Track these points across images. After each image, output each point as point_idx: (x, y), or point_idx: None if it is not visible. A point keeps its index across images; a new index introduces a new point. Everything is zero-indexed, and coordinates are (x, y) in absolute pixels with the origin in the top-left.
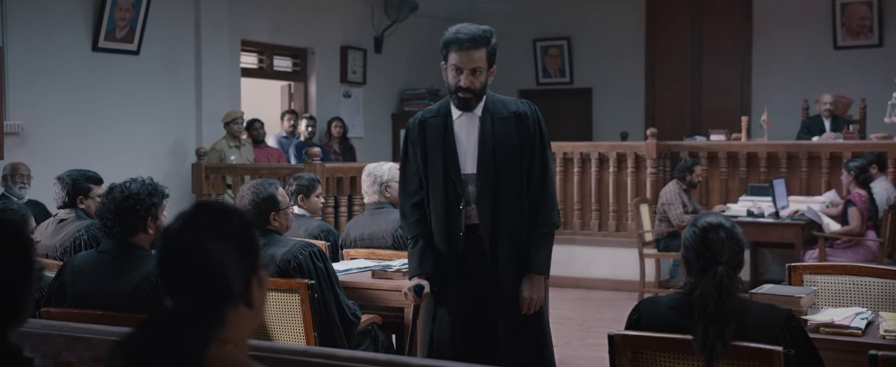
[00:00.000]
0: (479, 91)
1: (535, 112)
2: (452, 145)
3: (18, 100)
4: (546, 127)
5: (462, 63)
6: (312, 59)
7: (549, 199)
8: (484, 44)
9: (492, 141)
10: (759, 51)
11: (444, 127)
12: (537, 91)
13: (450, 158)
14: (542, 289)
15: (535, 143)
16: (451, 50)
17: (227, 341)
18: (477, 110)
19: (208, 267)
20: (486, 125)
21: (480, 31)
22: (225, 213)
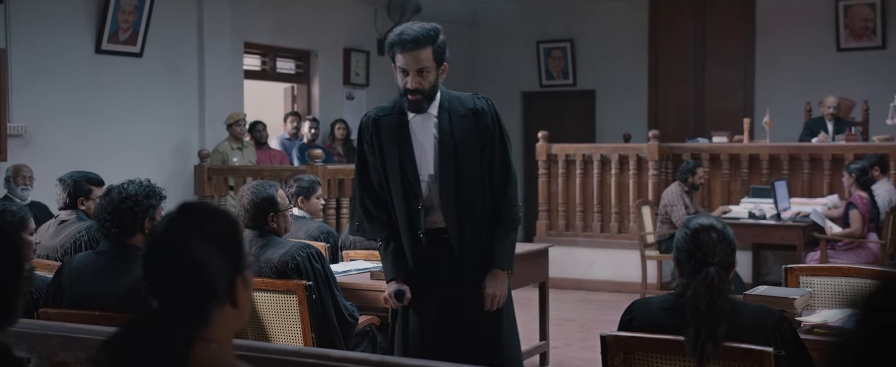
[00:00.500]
0: (428, 91)
1: (493, 107)
2: (409, 146)
3: (22, 102)
4: (502, 121)
5: (407, 64)
6: (315, 61)
7: (511, 195)
8: (428, 43)
9: (452, 140)
10: (763, 52)
11: (399, 127)
12: (540, 93)
13: (407, 160)
14: (506, 285)
15: (495, 139)
16: (396, 52)
17: (212, 340)
18: (432, 109)
19: (193, 268)
20: (444, 124)
21: (424, 31)
22: (209, 214)
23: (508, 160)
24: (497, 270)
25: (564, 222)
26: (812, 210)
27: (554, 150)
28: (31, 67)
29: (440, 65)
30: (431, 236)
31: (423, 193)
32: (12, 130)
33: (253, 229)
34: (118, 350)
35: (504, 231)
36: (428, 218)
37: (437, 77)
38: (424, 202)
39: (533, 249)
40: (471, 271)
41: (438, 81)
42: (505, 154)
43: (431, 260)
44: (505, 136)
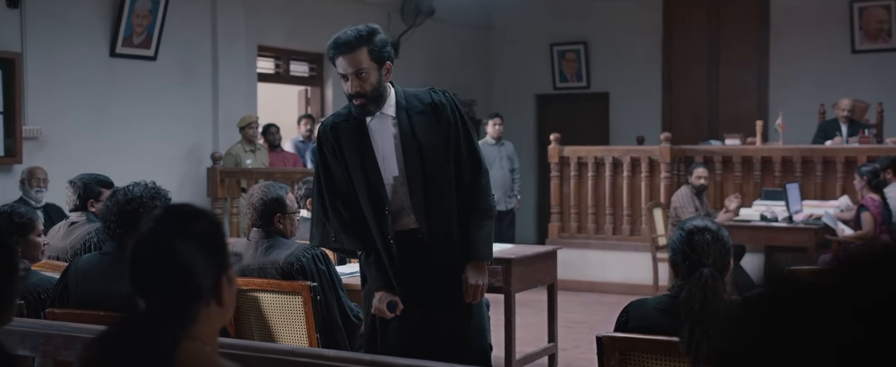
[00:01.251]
0: (371, 94)
1: (452, 99)
2: (370, 150)
3: (37, 105)
4: (463, 111)
5: (344, 68)
6: (328, 63)
7: (484, 184)
8: (362, 43)
9: (413, 138)
10: (777, 54)
11: (358, 131)
12: (554, 95)
13: (369, 164)
14: (486, 275)
15: (458, 130)
16: (334, 58)
17: (198, 338)
18: (388, 110)
19: (177, 268)
20: (404, 123)
21: (356, 32)
22: (193, 215)
23: (475, 150)
24: (477, 260)
25: (577, 224)
26: (824, 213)
27: (566, 152)
28: (46, 70)
29: (382, 64)
30: (403, 239)
31: (389, 196)
32: (28, 132)
33: (260, 228)
34: (106, 349)
35: (479, 222)
36: (398, 221)
37: (381, 78)
38: (391, 206)
39: (541, 251)
40: (445, 269)
41: (382, 81)
42: (470, 144)
43: (405, 263)
44: (468, 126)
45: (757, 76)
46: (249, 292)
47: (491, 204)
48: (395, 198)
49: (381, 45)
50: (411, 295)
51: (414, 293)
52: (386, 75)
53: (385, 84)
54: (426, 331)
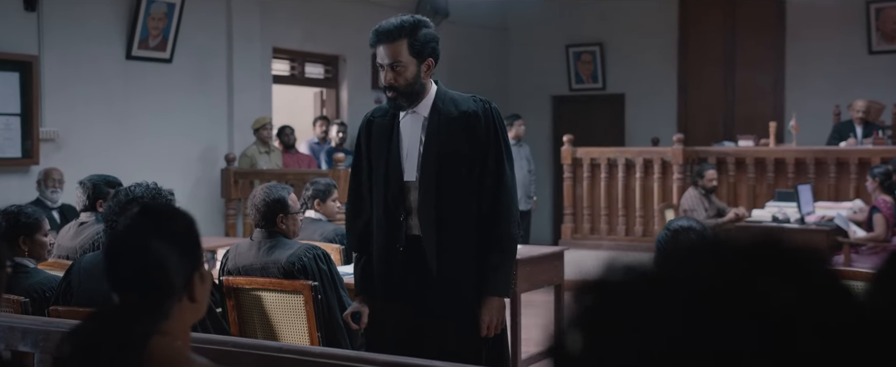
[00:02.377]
0: (405, 88)
1: (490, 112)
2: (397, 149)
3: (54, 107)
4: (504, 128)
5: (381, 58)
6: (344, 65)
7: (506, 210)
8: (402, 35)
9: (437, 145)
10: (793, 56)
11: (390, 128)
12: (570, 97)
13: (392, 163)
14: (503, 311)
15: (488, 147)
16: (374, 46)
17: (169, 333)
18: (423, 110)
19: (150, 264)
20: (433, 127)
21: (398, 22)
22: (167, 214)
23: (503, 172)
24: (491, 297)
25: (589, 225)
26: (837, 214)
27: (579, 153)
28: (62, 73)
29: (422, 60)
30: (409, 245)
31: (404, 199)
32: (45, 134)
33: (263, 228)
34: (79, 342)
35: (497, 252)
36: (408, 226)
37: (419, 73)
38: (406, 209)
39: (548, 251)
40: (448, 286)
41: (421, 77)
42: (499, 165)
43: (405, 270)
44: (501, 145)
45: (773, 77)
46: (252, 292)
47: (512, 233)
48: (409, 201)
49: (425, 40)
50: (405, 304)
51: (412, 302)
52: (426, 72)
53: (424, 81)
54: (417, 341)
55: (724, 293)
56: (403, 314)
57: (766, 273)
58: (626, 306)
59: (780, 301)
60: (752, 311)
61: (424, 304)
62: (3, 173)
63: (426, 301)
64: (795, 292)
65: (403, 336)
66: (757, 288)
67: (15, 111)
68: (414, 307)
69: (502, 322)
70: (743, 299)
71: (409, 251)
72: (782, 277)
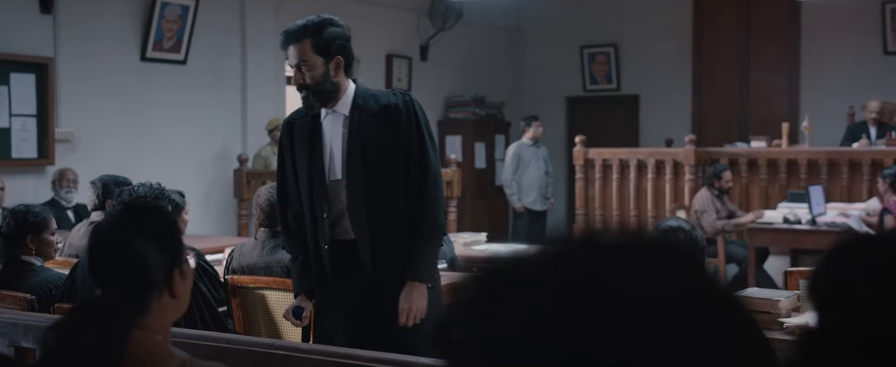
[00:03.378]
0: (314, 87)
1: (410, 103)
2: (319, 149)
3: (69, 108)
4: (425, 117)
5: (290, 60)
6: (358, 67)
7: (430, 199)
8: (306, 35)
9: (360, 141)
10: (808, 57)
11: (311, 129)
12: (585, 98)
13: (316, 164)
14: (424, 299)
15: (411, 138)
16: (284, 48)
17: (150, 327)
18: (343, 109)
19: (131, 260)
20: (354, 124)
21: (304, 22)
22: (149, 212)
23: (427, 161)
24: (413, 282)
25: (601, 226)
26: (851, 215)
27: (591, 154)
28: (78, 74)
29: (329, 59)
30: (341, 248)
31: (331, 200)
32: (60, 135)
33: (267, 228)
34: (60, 335)
35: (422, 239)
36: (337, 227)
37: (327, 72)
38: (331, 211)
39: None
40: (386, 286)
41: (329, 75)
42: (423, 154)
43: (341, 274)
44: (424, 134)
45: (787, 78)
46: (256, 290)
47: (438, 221)
48: (336, 202)
49: (330, 39)
50: (344, 309)
51: (348, 307)
52: (335, 70)
53: (335, 80)
54: (361, 339)
55: (578, 286)
56: (345, 315)
57: (624, 267)
58: (495, 297)
59: (633, 296)
60: (603, 304)
61: (364, 302)
62: (19, 173)
63: (364, 299)
64: (648, 286)
65: (349, 336)
66: (609, 282)
67: (31, 112)
68: (354, 306)
69: (423, 310)
70: (596, 292)
71: (342, 251)
72: (639, 271)
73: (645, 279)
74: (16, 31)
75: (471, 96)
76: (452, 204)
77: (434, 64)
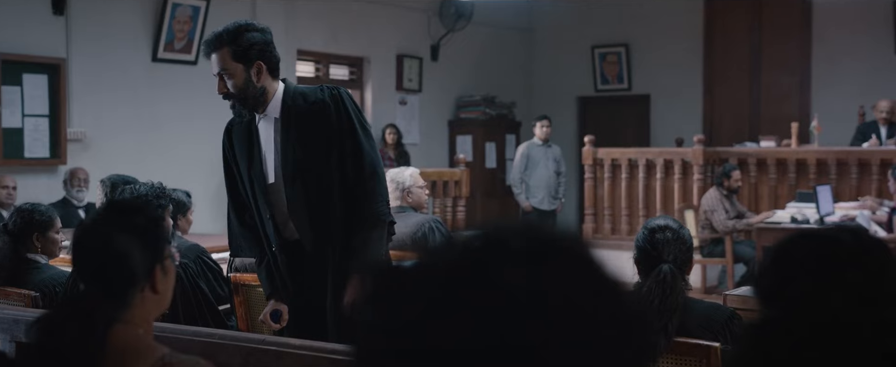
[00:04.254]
0: (238, 95)
1: (339, 97)
2: (255, 152)
3: (82, 108)
4: (357, 109)
5: (212, 69)
6: (368, 67)
7: (368, 190)
8: (223, 43)
9: (292, 143)
10: (819, 57)
11: (247, 133)
12: (596, 98)
13: (255, 168)
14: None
15: (343, 130)
16: (207, 57)
17: (131, 321)
18: (273, 112)
19: (113, 256)
20: (286, 125)
21: (221, 32)
22: (132, 210)
23: (363, 152)
24: (355, 274)
25: (610, 225)
26: (859, 214)
27: (600, 154)
28: (90, 75)
29: (249, 64)
30: (290, 249)
31: (274, 203)
32: (72, 135)
33: None
34: (44, 328)
35: (363, 230)
36: (285, 229)
37: (249, 78)
38: (274, 213)
39: None
40: (337, 282)
41: (252, 81)
42: (357, 146)
43: (295, 274)
44: (357, 126)
45: (799, 78)
46: (258, 288)
47: (378, 211)
48: (279, 204)
49: (248, 45)
50: (296, 309)
51: (299, 307)
52: (258, 75)
53: (257, 85)
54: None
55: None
56: (301, 315)
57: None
58: (391, 285)
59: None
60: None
61: (319, 299)
62: (32, 173)
63: (319, 296)
64: (525, 279)
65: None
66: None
67: (43, 112)
68: (310, 305)
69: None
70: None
71: (292, 251)
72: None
73: (524, 273)
74: (29, 32)
75: (481, 96)
76: (460, 204)
77: (445, 64)
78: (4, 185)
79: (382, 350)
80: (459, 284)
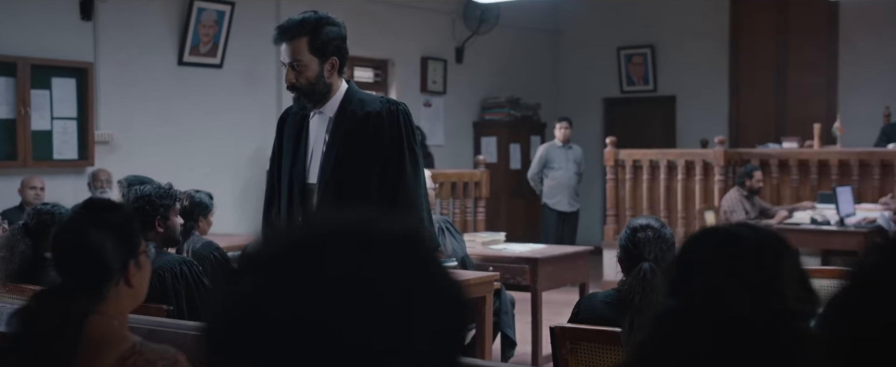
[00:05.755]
0: (306, 88)
1: (396, 112)
2: (304, 150)
3: (109, 111)
4: (410, 129)
5: (283, 57)
6: (393, 69)
7: (412, 218)
8: (303, 33)
9: (336, 147)
10: (846, 58)
11: (299, 127)
12: (621, 99)
13: (298, 164)
14: None
15: (392, 148)
16: (277, 43)
17: (106, 313)
18: (329, 111)
19: (88, 251)
20: (337, 128)
21: (300, 19)
22: (107, 208)
23: (404, 176)
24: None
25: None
26: (879, 215)
27: (622, 155)
28: (117, 78)
29: (325, 59)
30: None
31: (308, 203)
32: (100, 137)
33: None
34: (22, 318)
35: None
36: None
37: (322, 72)
38: (303, 215)
39: (570, 251)
40: None
41: (324, 76)
42: (401, 166)
43: None
44: (404, 146)
45: (825, 80)
46: None
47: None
48: (308, 204)
49: (327, 39)
50: None
51: None
52: (330, 71)
53: (328, 81)
54: None
55: (290, 261)
56: None
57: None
58: (241, 267)
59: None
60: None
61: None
62: (61, 174)
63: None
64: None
65: None
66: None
67: (72, 115)
68: None
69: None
70: (298, 267)
71: None
72: (345, 252)
73: (347, 261)
74: (57, 37)
75: (506, 98)
76: (481, 204)
77: (470, 65)
78: (33, 186)
79: (221, 320)
80: (282, 263)
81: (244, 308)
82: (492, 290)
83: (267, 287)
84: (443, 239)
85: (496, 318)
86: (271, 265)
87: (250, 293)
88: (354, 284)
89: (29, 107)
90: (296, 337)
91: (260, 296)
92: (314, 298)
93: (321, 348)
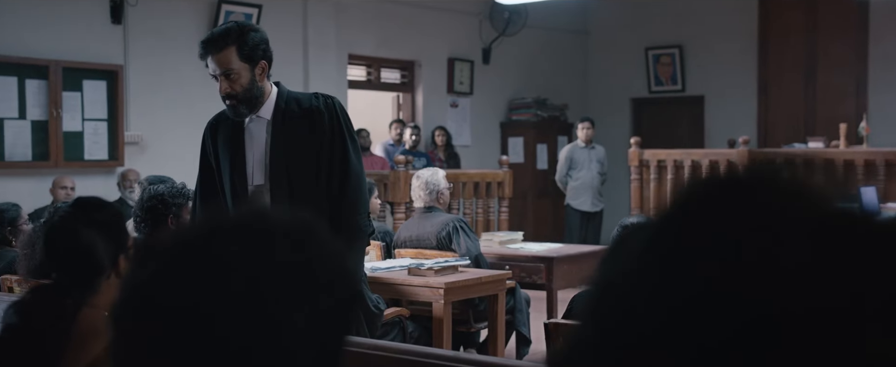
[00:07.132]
0: (243, 95)
1: (333, 106)
2: (242, 153)
3: (138, 113)
4: (348, 121)
5: (212, 70)
6: (419, 71)
7: (350, 202)
8: (228, 43)
9: (283, 146)
10: (876, 58)
11: (234, 131)
12: (649, 99)
13: (237, 169)
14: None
15: (333, 141)
16: (203, 57)
17: (98, 306)
18: (266, 113)
19: (80, 247)
20: (277, 129)
21: (223, 30)
22: (96, 205)
23: (349, 163)
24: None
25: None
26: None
27: (646, 155)
28: (146, 80)
29: (254, 64)
30: None
31: (256, 204)
32: (129, 138)
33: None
34: (18, 311)
35: (344, 241)
36: None
37: (254, 78)
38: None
39: (585, 250)
40: None
41: (256, 81)
42: (345, 156)
43: None
44: (346, 137)
45: (855, 79)
46: None
47: (359, 224)
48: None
49: (254, 44)
50: None
51: None
52: (260, 75)
53: (260, 85)
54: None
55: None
56: None
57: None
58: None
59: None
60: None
61: None
62: (91, 174)
63: None
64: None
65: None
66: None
67: (102, 117)
68: None
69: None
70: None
71: None
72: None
73: (241, 249)
74: (88, 40)
75: (533, 99)
76: (504, 205)
77: (496, 66)
78: (64, 186)
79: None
80: (187, 254)
81: (141, 293)
82: (504, 288)
83: (159, 275)
84: (456, 238)
85: (511, 316)
86: (165, 256)
87: (145, 281)
88: (232, 274)
89: (61, 109)
90: (179, 323)
91: (153, 283)
92: (195, 286)
93: (199, 332)
